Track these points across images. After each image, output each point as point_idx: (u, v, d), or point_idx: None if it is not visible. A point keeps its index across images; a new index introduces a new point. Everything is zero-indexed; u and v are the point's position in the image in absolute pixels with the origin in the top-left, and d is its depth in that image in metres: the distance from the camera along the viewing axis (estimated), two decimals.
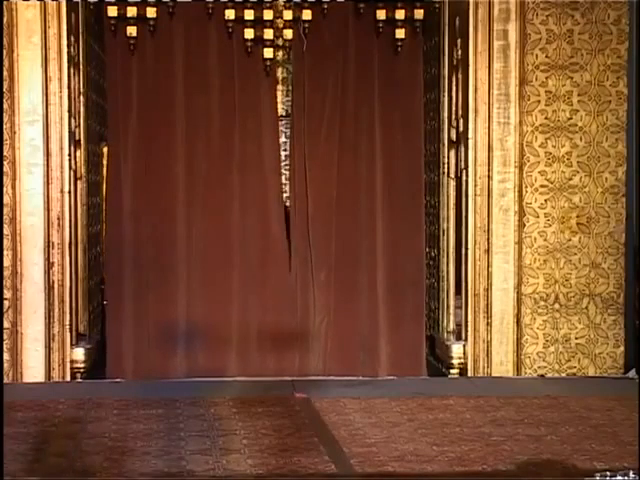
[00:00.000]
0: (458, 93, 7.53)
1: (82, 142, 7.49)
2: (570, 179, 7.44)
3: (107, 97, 7.95)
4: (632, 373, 7.49)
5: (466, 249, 7.48)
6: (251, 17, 7.62)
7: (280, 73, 8.02)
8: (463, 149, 7.50)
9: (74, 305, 7.39)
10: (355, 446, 5.57)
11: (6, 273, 7.13)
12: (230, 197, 7.84)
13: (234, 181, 7.84)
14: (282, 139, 8.35)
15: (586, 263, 7.47)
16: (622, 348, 7.52)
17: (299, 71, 7.86)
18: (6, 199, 7.13)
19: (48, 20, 7.14)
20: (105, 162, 8.12)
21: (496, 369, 7.45)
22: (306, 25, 7.71)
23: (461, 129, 7.51)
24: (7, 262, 7.15)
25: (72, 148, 7.31)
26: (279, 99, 8.37)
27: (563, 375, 7.49)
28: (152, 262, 7.77)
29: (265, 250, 7.86)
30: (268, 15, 7.63)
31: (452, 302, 7.75)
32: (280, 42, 7.92)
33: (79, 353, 7.38)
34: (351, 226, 7.87)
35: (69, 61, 7.23)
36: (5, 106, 7.11)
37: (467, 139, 7.42)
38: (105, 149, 8.12)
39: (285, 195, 8.02)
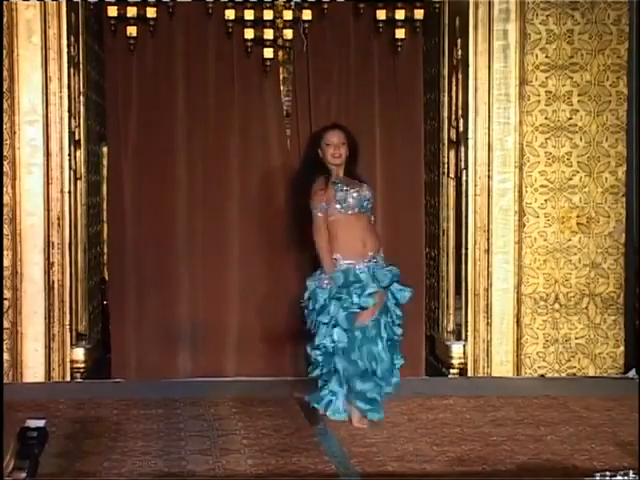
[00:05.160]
0: (458, 93, 7.53)
1: (82, 142, 7.47)
2: (570, 179, 7.44)
3: (107, 97, 7.95)
4: (632, 373, 7.48)
5: (466, 249, 7.48)
6: (251, 17, 7.61)
7: (281, 73, 8.01)
8: (463, 149, 7.50)
9: (74, 305, 7.39)
10: (355, 446, 5.56)
11: (6, 273, 7.12)
12: (230, 197, 7.84)
13: (234, 181, 7.85)
14: None
15: (586, 263, 7.47)
16: (622, 348, 7.51)
17: (299, 71, 7.86)
18: (6, 199, 7.12)
19: (48, 20, 7.13)
20: (105, 162, 8.13)
21: (496, 369, 7.45)
22: (306, 25, 7.70)
23: (461, 129, 7.51)
24: (7, 262, 7.14)
25: (72, 148, 7.31)
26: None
27: (563, 375, 7.49)
28: (153, 262, 7.77)
29: (267, 250, 7.85)
30: (268, 15, 7.62)
31: (452, 302, 7.75)
32: (280, 42, 7.91)
33: (79, 353, 7.37)
34: None
35: (69, 61, 7.22)
36: (5, 106, 7.11)
37: (467, 139, 7.42)
38: (105, 149, 8.12)
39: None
